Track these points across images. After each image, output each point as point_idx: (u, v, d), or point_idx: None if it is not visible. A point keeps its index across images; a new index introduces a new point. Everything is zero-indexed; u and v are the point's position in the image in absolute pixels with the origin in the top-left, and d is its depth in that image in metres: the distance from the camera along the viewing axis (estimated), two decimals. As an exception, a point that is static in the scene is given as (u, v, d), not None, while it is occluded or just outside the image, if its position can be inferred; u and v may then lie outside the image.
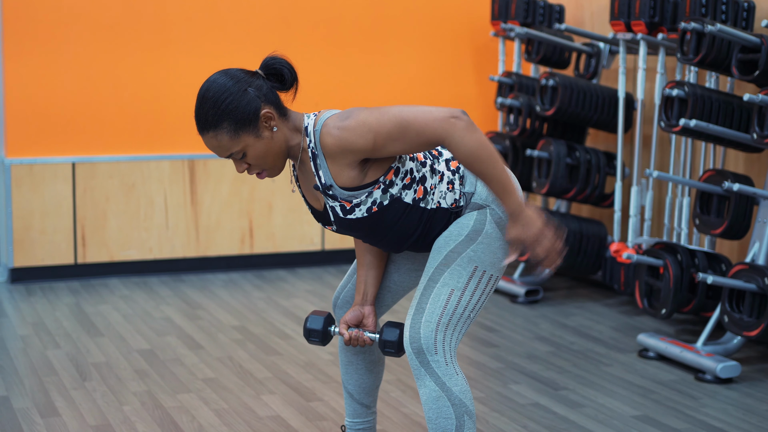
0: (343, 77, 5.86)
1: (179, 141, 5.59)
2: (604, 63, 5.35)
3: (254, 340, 4.50)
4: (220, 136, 2.58)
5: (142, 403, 3.71)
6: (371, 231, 2.71)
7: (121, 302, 5.08)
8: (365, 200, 2.65)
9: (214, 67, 5.57)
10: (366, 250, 2.89)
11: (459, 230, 2.69)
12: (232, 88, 2.58)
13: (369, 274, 2.89)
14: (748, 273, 4.02)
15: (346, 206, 2.66)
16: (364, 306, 2.89)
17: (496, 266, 2.70)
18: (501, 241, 2.69)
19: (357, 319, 2.88)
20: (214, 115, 2.57)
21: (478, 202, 2.70)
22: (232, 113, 2.57)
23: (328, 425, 3.53)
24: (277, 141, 2.63)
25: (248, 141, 2.59)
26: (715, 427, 3.57)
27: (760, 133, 4.09)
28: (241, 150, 2.60)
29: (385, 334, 2.80)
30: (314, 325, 2.89)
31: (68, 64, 5.39)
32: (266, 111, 2.59)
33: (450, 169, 2.71)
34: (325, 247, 5.90)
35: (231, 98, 2.57)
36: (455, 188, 2.70)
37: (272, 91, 2.63)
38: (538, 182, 5.23)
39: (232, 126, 2.57)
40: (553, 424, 3.57)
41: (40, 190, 5.37)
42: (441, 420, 2.65)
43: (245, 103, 2.57)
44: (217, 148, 2.61)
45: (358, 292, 2.90)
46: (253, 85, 2.60)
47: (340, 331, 2.87)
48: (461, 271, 2.66)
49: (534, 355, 4.36)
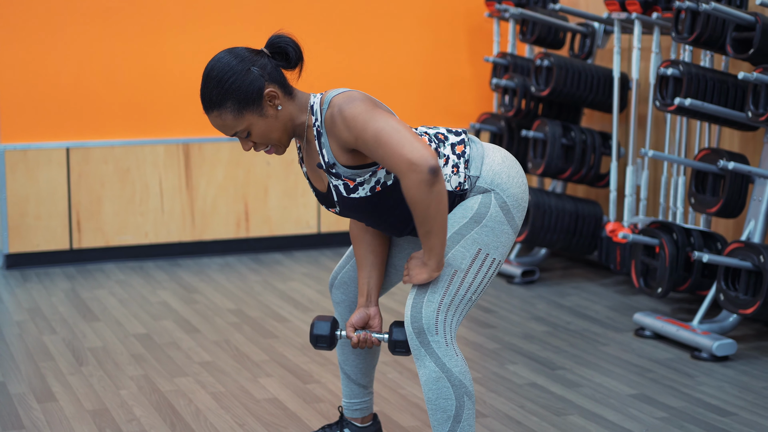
0: (338, 58, 5.84)
1: (174, 125, 5.58)
2: (599, 43, 5.33)
3: (251, 324, 4.50)
4: (225, 115, 2.61)
5: (139, 387, 3.71)
6: (374, 212, 2.71)
7: (117, 287, 5.08)
8: (369, 179, 2.65)
9: (210, 50, 5.55)
10: (367, 251, 2.88)
11: (463, 212, 2.69)
12: (236, 67, 2.59)
13: (371, 275, 2.89)
14: (744, 251, 4.03)
15: (349, 185, 2.65)
16: (369, 307, 2.89)
17: (500, 250, 2.70)
18: (505, 225, 2.69)
19: (363, 321, 2.88)
20: (218, 95, 2.59)
21: (483, 185, 2.70)
22: (236, 92, 2.58)
23: (326, 407, 3.54)
24: (281, 119, 2.64)
25: (252, 120, 2.61)
26: (712, 404, 3.57)
27: (754, 111, 4.08)
28: (245, 129, 2.63)
29: (395, 335, 2.79)
30: (321, 331, 2.89)
31: (62, 49, 5.37)
32: (270, 90, 2.61)
33: (455, 152, 2.71)
34: (321, 230, 5.90)
35: (234, 77, 2.58)
36: (460, 171, 2.69)
37: (277, 70, 2.64)
38: (534, 163, 5.23)
39: (236, 105, 2.59)
40: (550, 404, 3.57)
41: (34, 176, 5.35)
42: (441, 401, 2.65)
43: (249, 83, 2.59)
44: (221, 126, 2.64)
45: (362, 294, 2.89)
46: (257, 64, 2.61)
47: (347, 334, 2.87)
48: (465, 252, 2.66)
49: (531, 335, 4.37)
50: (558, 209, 5.05)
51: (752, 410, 3.53)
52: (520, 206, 2.72)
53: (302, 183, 5.79)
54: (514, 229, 2.72)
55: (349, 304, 3.02)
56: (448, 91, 6.12)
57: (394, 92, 5.97)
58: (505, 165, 2.73)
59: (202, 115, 2.80)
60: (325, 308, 4.72)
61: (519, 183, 2.73)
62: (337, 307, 3.05)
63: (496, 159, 2.73)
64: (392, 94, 5.95)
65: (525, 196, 2.75)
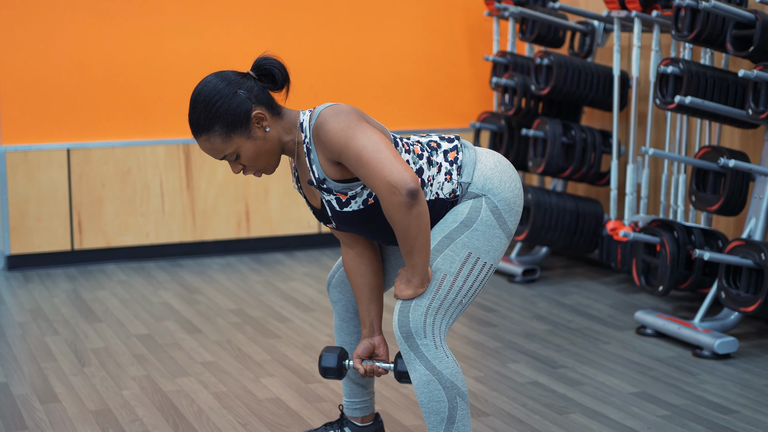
0: (337, 57, 5.84)
1: (174, 126, 5.58)
2: (599, 41, 5.34)
3: (252, 324, 4.50)
4: (213, 139, 2.62)
5: (141, 388, 3.72)
6: (369, 225, 2.72)
7: (119, 288, 5.08)
8: (360, 192, 2.66)
9: (210, 51, 5.58)
10: (363, 284, 2.89)
11: (454, 217, 2.70)
12: (223, 90, 2.62)
13: (370, 308, 2.91)
14: (745, 249, 4.03)
15: (341, 199, 2.67)
16: (373, 337, 2.91)
17: (491, 254, 2.70)
18: (497, 230, 2.70)
19: (369, 351, 2.91)
20: (205, 119, 2.61)
21: (474, 191, 2.71)
22: (223, 116, 2.60)
23: (328, 407, 3.54)
24: (270, 141, 2.66)
25: (240, 142, 2.63)
26: (714, 402, 3.58)
27: (755, 109, 4.08)
28: (234, 152, 2.64)
29: (401, 365, 2.82)
30: (329, 363, 2.93)
31: (62, 49, 5.38)
32: (257, 112, 2.63)
33: (448, 160, 2.71)
34: (321, 229, 5.90)
35: (221, 101, 2.60)
36: (453, 179, 2.70)
37: (264, 92, 2.66)
38: (534, 162, 5.23)
39: (224, 128, 2.61)
40: (552, 402, 3.57)
41: (35, 177, 5.36)
42: (433, 403, 2.66)
43: (235, 106, 2.61)
44: (210, 150, 2.65)
45: (364, 326, 2.91)
46: (244, 87, 2.63)
47: (355, 365, 2.89)
48: (454, 256, 2.66)
49: (532, 333, 4.37)
50: (559, 208, 5.05)
51: (754, 408, 3.53)
52: (512, 210, 2.73)
53: (303, 183, 5.79)
54: (507, 233, 2.72)
55: (346, 302, 3.04)
56: (447, 91, 6.12)
57: (394, 92, 5.97)
58: (497, 170, 2.73)
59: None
60: (326, 308, 4.73)
61: (511, 187, 2.73)
62: (334, 305, 3.06)
63: (488, 164, 2.74)
64: (392, 94, 5.95)
65: (518, 201, 2.75)
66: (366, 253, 2.88)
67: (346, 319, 3.06)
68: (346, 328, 3.06)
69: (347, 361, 2.94)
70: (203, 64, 5.56)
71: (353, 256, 2.88)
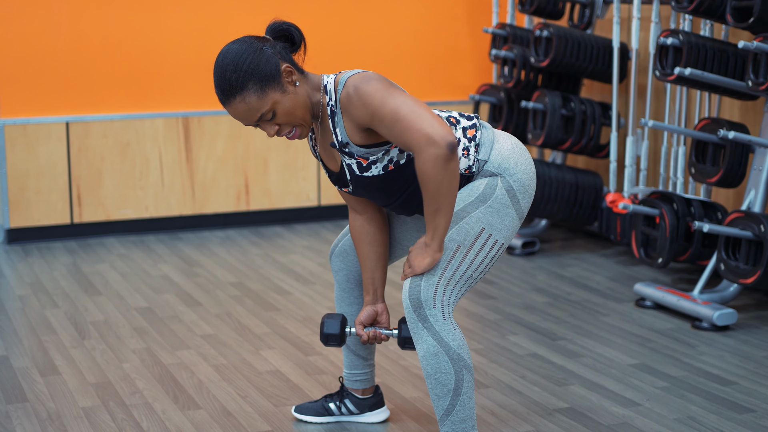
0: (336, 30, 5.82)
1: (173, 99, 5.57)
2: (599, 13, 5.31)
3: (252, 296, 4.51)
4: (248, 98, 2.59)
5: (141, 361, 3.73)
6: (386, 190, 2.72)
7: (119, 261, 5.09)
8: (382, 158, 2.66)
9: (209, 23, 5.56)
10: (369, 250, 2.90)
11: (469, 192, 2.70)
12: (248, 49, 2.60)
13: (375, 274, 2.92)
14: (744, 221, 4.03)
15: (362, 163, 2.67)
16: (376, 304, 2.93)
17: (503, 233, 2.71)
18: (510, 209, 2.71)
19: (371, 318, 2.92)
20: (237, 79, 2.58)
21: (490, 169, 2.72)
22: (255, 72, 2.58)
23: (327, 379, 3.55)
24: (301, 95, 2.65)
25: (276, 97, 2.61)
26: (712, 374, 3.59)
27: (755, 80, 4.07)
28: (270, 108, 2.61)
29: (404, 331, 2.84)
30: (331, 330, 2.93)
31: (61, 23, 5.35)
32: (286, 66, 2.62)
33: (467, 136, 2.72)
34: (321, 202, 5.90)
35: (250, 59, 2.58)
36: (470, 155, 2.71)
37: (285, 50, 2.65)
38: (534, 134, 5.22)
39: (258, 85, 2.58)
40: (551, 374, 3.58)
41: (34, 150, 5.35)
42: (440, 375, 2.66)
43: (265, 61, 2.59)
44: (246, 112, 2.61)
45: (368, 292, 2.92)
46: (267, 45, 2.61)
47: (357, 331, 2.91)
48: (469, 230, 2.67)
49: (531, 306, 4.38)
50: (558, 180, 5.05)
51: (753, 379, 3.54)
52: (526, 192, 2.74)
53: (302, 156, 5.79)
54: (519, 214, 2.73)
55: (347, 272, 3.04)
56: (447, 63, 6.10)
57: (394, 65, 5.95)
58: (514, 151, 2.75)
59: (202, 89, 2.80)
60: (326, 280, 4.73)
61: (527, 170, 2.74)
62: (336, 275, 3.07)
63: (506, 145, 2.75)
64: (391, 66, 5.94)
65: (532, 184, 2.76)
66: (375, 219, 2.88)
67: (346, 289, 3.06)
68: (346, 298, 3.07)
69: (349, 328, 2.95)
70: (202, 38, 5.54)
71: (362, 222, 2.88)
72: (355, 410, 3.17)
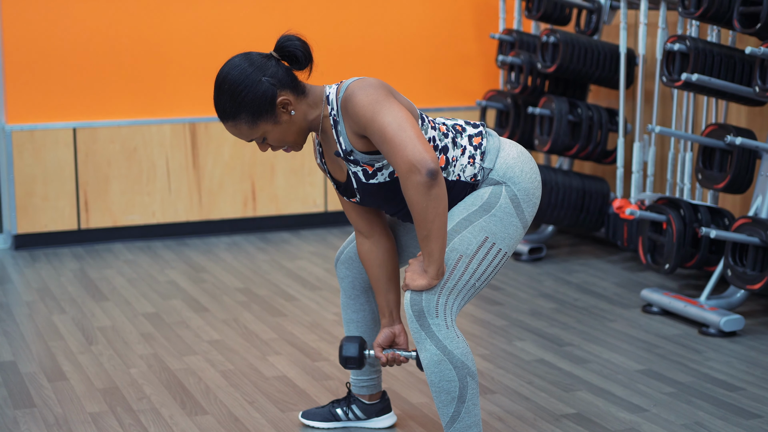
0: (342, 34, 5.83)
1: (180, 105, 5.58)
2: (605, 19, 5.32)
3: (259, 302, 4.52)
4: (240, 126, 2.65)
5: (148, 366, 3.73)
6: (393, 198, 2.73)
7: (126, 267, 5.09)
8: (387, 165, 2.67)
9: (217, 29, 5.57)
10: (379, 273, 2.90)
11: (473, 200, 2.71)
12: (246, 81, 2.61)
13: (389, 297, 2.92)
14: (751, 227, 4.03)
15: (368, 170, 2.67)
16: (393, 326, 2.93)
17: (507, 241, 2.71)
18: (514, 218, 2.70)
19: (389, 340, 2.93)
20: (231, 107, 2.63)
21: (496, 177, 2.72)
22: (249, 105, 2.62)
23: (334, 384, 3.55)
24: (296, 122, 2.69)
25: (267, 128, 2.66)
26: (719, 380, 3.58)
27: (762, 86, 4.07)
28: (261, 136, 2.68)
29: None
30: (350, 353, 2.94)
31: (68, 28, 5.37)
32: (282, 98, 2.64)
33: (472, 144, 2.73)
34: (328, 208, 5.90)
35: (246, 90, 2.61)
36: (475, 163, 2.71)
37: (288, 74, 2.66)
38: (541, 140, 5.22)
39: (250, 116, 2.63)
40: (558, 380, 3.58)
41: (41, 156, 5.36)
42: (444, 383, 2.67)
43: (261, 94, 2.62)
44: (237, 134, 2.68)
45: (383, 315, 2.93)
46: (268, 72, 2.63)
47: (376, 353, 2.91)
48: (471, 239, 2.67)
49: (538, 312, 4.38)
50: (565, 186, 5.05)
51: (760, 385, 3.54)
52: (530, 201, 2.73)
53: (309, 162, 5.79)
54: (523, 223, 2.73)
55: (353, 279, 3.05)
56: (454, 69, 6.10)
57: (400, 70, 5.96)
58: (520, 160, 2.75)
59: (209, 95, 2.80)
60: (333, 286, 4.73)
61: (531, 179, 2.74)
62: (341, 282, 3.08)
63: (511, 153, 2.75)
64: (398, 72, 5.94)
65: (537, 193, 2.76)
66: (382, 242, 2.88)
67: (352, 296, 3.06)
68: (352, 305, 3.07)
69: (368, 350, 2.95)
70: (210, 44, 5.55)
71: (369, 246, 2.89)
72: (362, 416, 3.17)
